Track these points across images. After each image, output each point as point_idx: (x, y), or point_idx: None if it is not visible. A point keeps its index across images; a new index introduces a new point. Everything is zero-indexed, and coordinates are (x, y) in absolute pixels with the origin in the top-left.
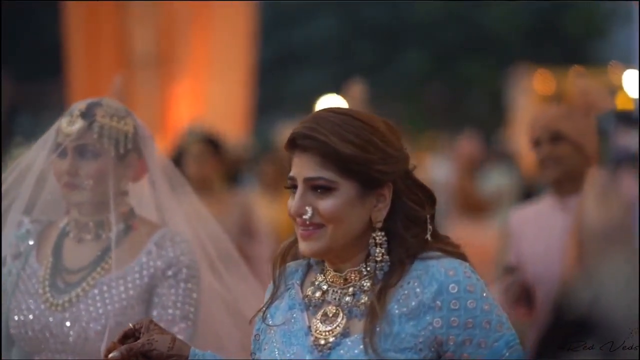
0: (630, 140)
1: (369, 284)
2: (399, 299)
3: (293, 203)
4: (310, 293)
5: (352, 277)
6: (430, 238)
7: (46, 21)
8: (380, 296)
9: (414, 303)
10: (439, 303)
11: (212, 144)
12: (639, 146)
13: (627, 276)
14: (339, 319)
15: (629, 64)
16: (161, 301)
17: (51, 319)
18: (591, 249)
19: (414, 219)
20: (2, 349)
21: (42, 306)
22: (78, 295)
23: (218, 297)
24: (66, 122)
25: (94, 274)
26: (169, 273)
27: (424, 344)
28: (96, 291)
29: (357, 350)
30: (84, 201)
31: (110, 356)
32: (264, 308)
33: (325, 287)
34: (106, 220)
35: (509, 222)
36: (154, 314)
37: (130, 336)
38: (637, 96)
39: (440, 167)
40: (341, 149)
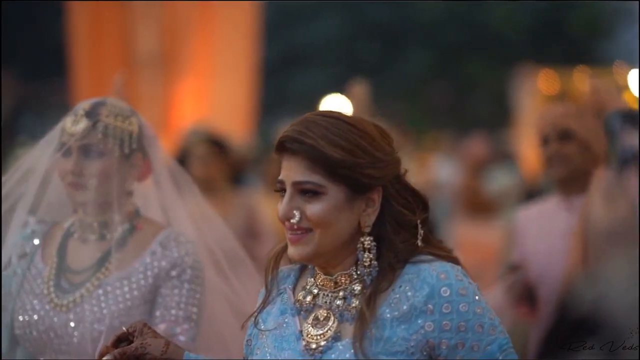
0: (637, 140)
1: (359, 287)
2: (391, 302)
3: (281, 207)
4: (301, 297)
5: (343, 281)
6: (421, 243)
7: (50, 21)
8: (370, 301)
9: (405, 307)
10: (430, 306)
11: (216, 144)
12: (639, 146)
13: (630, 276)
14: (330, 323)
15: (633, 63)
16: (164, 302)
17: (56, 320)
18: (596, 249)
19: (403, 223)
20: (6, 350)
21: (47, 306)
22: (82, 296)
23: (223, 298)
24: (70, 122)
25: (98, 275)
26: (172, 273)
27: (416, 347)
28: (100, 292)
29: (349, 354)
30: (88, 201)
31: None
32: (255, 313)
33: (315, 290)
34: (110, 221)
35: (514, 221)
36: (157, 314)
37: (124, 340)
38: (638, 96)
39: (444, 167)
40: (329, 153)
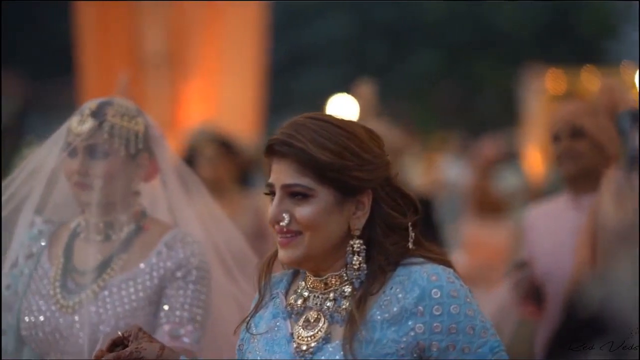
0: None
1: (349, 289)
2: (381, 304)
3: (270, 209)
4: (292, 301)
5: (333, 282)
6: (413, 245)
7: (57, 21)
8: (360, 303)
9: (395, 308)
10: (421, 308)
11: (224, 145)
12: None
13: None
14: (320, 324)
15: None
16: (169, 303)
17: (61, 321)
18: (605, 248)
19: (394, 226)
20: (13, 350)
21: (53, 307)
22: (88, 297)
23: (231, 299)
24: (76, 122)
25: (104, 276)
26: (178, 274)
27: (406, 349)
28: (106, 293)
29: (338, 356)
30: (94, 201)
31: None
32: (248, 318)
33: (306, 293)
34: (116, 221)
35: (522, 219)
36: (161, 315)
37: (119, 344)
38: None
39: (452, 167)
40: (318, 156)
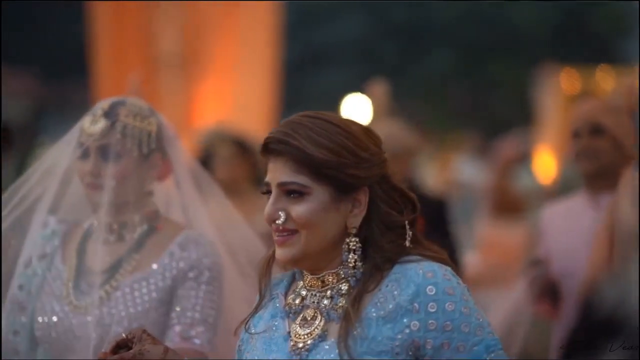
0: None
1: (346, 287)
2: (376, 302)
3: (266, 208)
4: (291, 300)
5: (330, 280)
6: (410, 244)
7: (71, 20)
8: (355, 301)
9: (390, 306)
10: (416, 305)
11: (239, 145)
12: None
13: None
14: (317, 321)
15: None
16: (180, 303)
17: (74, 322)
18: (621, 248)
19: (390, 224)
20: (26, 350)
21: (66, 308)
22: (101, 298)
23: (245, 300)
24: (89, 122)
25: (117, 276)
26: (190, 275)
27: (401, 347)
28: (119, 293)
29: (334, 354)
30: (107, 202)
31: None
32: (247, 318)
33: (304, 292)
34: (130, 221)
35: (540, 218)
36: (172, 316)
37: (123, 346)
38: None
39: (466, 167)
40: (313, 153)
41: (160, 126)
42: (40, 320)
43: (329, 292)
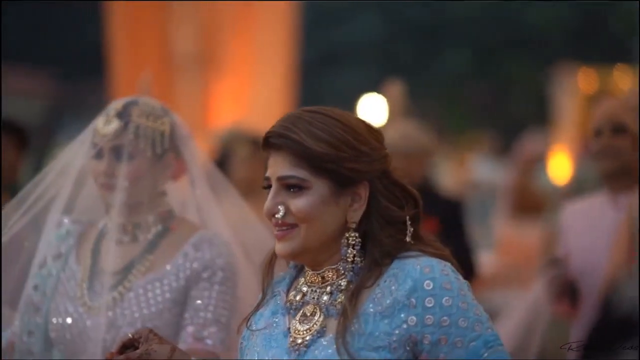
0: None
1: (345, 282)
2: (374, 297)
3: (266, 202)
4: (292, 297)
5: (330, 276)
6: (411, 240)
7: (87, 21)
8: (353, 297)
9: (388, 301)
10: (413, 300)
11: (257, 145)
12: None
13: None
14: (316, 317)
15: None
16: (194, 304)
17: (89, 323)
18: None
19: (391, 219)
20: (41, 351)
21: (80, 309)
22: (115, 299)
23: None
24: (102, 122)
25: (130, 277)
26: (204, 275)
27: (398, 342)
28: (132, 295)
29: (331, 349)
30: (120, 202)
31: None
32: (249, 316)
33: (305, 288)
34: (144, 222)
35: (560, 217)
36: (185, 316)
37: (130, 346)
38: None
39: (482, 167)
40: (313, 147)
41: (174, 125)
42: (55, 321)
43: (328, 288)
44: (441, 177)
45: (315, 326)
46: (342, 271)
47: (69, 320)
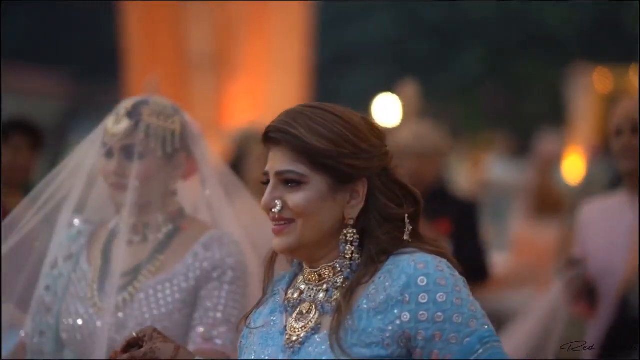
0: None
1: (341, 279)
2: (369, 294)
3: (264, 197)
4: (290, 295)
5: (327, 274)
6: (409, 237)
7: (103, 22)
8: (347, 294)
9: (382, 297)
10: (407, 296)
11: None
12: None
13: None
14: (311, 315)
15: None
16: (203, 304)
17: (99, 324)
18: None
19: (388, 216)
20: (52, 351)
21: (91, 310)
22: (125, 300)
23: None
24: (112, 122)
25: (140, 278)
26: (213, 275)
27: (392, 338)
28: (142, 295)
29: (325, 346)
30: (131, 202)
31: None
32: (248, 314)
33: (302, 286)
34: (154, 222)
35: (577, 217)
36: (195, 316)
37: (134, 345)
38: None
39: (497, 167)
40: (311, 142)
41: (185, 125)
42: (66, 322)
43: (325, 286)
44: (456, 177)
45: (310, 323)
46: (339, 268)
47: (79, 321)
